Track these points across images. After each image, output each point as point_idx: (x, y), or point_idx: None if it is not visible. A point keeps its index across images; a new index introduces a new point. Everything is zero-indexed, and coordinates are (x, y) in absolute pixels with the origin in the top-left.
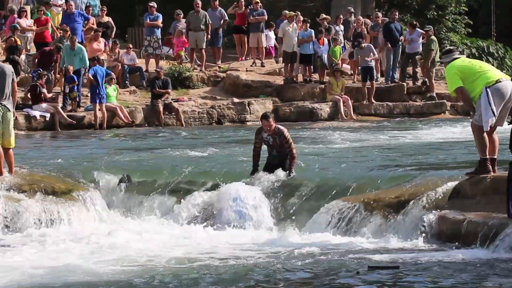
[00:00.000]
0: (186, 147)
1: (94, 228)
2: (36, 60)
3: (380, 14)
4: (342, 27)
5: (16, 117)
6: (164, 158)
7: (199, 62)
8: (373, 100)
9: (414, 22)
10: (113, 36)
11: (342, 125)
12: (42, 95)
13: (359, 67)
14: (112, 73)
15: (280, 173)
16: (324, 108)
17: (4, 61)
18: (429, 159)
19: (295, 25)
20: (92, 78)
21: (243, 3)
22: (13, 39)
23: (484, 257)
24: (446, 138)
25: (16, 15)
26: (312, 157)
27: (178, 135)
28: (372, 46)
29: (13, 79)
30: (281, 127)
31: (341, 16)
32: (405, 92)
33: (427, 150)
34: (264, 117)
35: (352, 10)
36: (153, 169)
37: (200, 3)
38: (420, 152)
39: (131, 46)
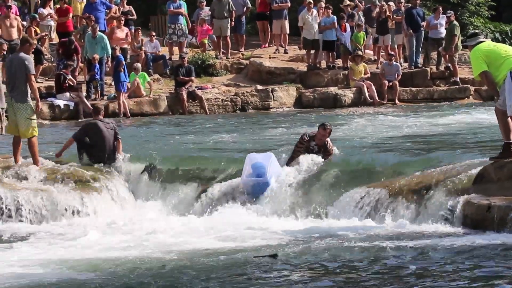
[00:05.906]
0: (211, 134)
1: (126, 217)
2: (60, 50)
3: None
4: (361, 15)
5: (40, 107)
6: (189, 145)
7: (223, 50)
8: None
9: (440, 7)
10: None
11: (366, 110)
12: (67, 83)
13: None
14: (138, 63)
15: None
16: (348, 94)
17: (19, 51)
18: (453, 143)
19: (314, 12)
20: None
21: None
22: (32, 28)
23: None
24: (470, 122)
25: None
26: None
27: (202, 123)
28: (399, 66)
29: (28, 70)
30: (329, 140)
31: (363, 3)
32: (428, 77)
33: (451, 134)
34: (323, 125)
35: None
36: (177, 156)
37: None
38: (444, 136)
39: (154, 33)
